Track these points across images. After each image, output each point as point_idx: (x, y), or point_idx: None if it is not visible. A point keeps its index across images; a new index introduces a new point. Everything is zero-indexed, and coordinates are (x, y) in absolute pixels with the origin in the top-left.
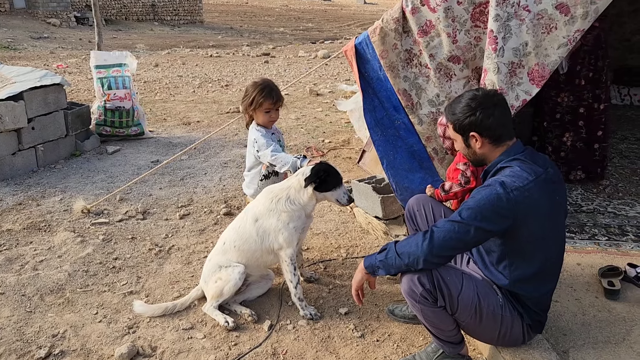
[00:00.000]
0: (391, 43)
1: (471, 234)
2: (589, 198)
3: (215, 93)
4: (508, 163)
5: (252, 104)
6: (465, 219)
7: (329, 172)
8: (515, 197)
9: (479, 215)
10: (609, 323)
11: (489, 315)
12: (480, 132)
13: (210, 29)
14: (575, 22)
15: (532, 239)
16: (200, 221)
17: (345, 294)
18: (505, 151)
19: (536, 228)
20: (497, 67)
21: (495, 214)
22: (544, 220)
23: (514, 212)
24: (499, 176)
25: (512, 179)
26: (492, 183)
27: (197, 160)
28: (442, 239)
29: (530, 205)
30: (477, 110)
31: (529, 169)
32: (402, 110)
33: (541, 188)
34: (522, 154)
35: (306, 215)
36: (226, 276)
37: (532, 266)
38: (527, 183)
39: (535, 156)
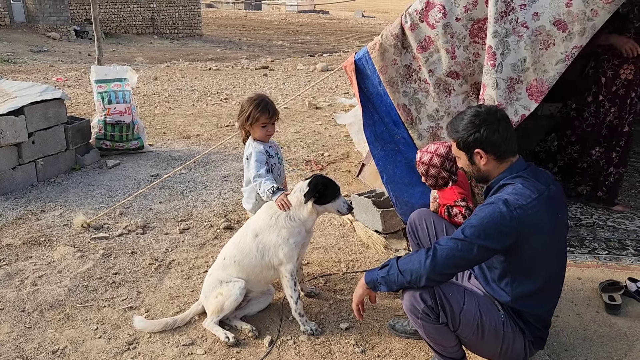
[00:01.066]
0: (390, 59)
1: (474, 252)
2: (588, 212)
3: (215, 106)
4: (511, 180)
5: (248, 119)
6: (469, 237)
7: (326, 185)
8: (519, 215)
9: (482, 233)
10: (610, 339)
11: (490, 331)
12: (485, 148)
13: (209, 42)
14: (573, 38)
15: (535, 256)
16: (200, 235)
17: (345, 308)
18: (509, 168)
19: (539, 245)
20: (496, 83)
21: (499, 232)
22: (546, 238)
23: (517, 230)
24: (502, 194)
25: (515, 196)
26: (495, 201)
27: (197, 174)
28: (445, 257)
29: (533, 224)
30: (481, 127)
31: (532, 186)
32: (402, 125)
33: (544, 206)
34: (524, 171)
35: (306, 230)
36: (227, 291)
37: (534, 283)
38: (531, 201)
39: (538, 173)
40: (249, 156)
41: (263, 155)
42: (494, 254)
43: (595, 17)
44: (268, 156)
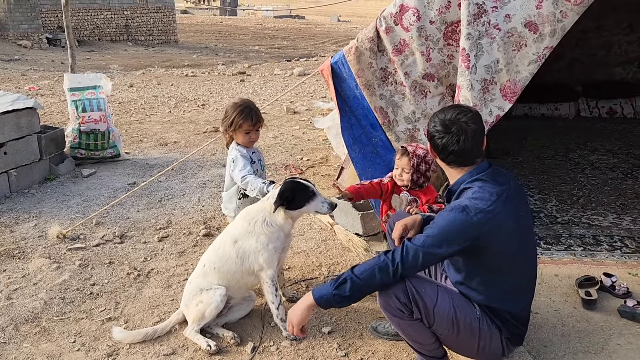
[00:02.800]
0: (366, 62)
1: (437, 258)
2: (563, 209)
3: (192, 113)
4: (470, 184)
5: (231, 125)
6: (430, 247)
7: (295, 190)
8: (479, 219)
9: (443, 242)
10: (587, 333)
11: (466, 328)
12: (442, 157)
13: (185, 49)
14: (544, 39)
15: (502, 257)
16: (179, 243)
17: (328, 312)
18: (470, 171)
19: (505, 247)
20: (471, 84)
21: (459, 238)
22: (511, 238)
23: (479, 234)
24: (462, 199)
25: (475, 201)
26: (454, 207)
27: (175, 181)
28: (410, 267)
29: (494, 226)
30: (446, 135)
31: (491, 188)
32: (379, 128)
33: (504, 207)
34: (484, 173)
35: (285, 235)
36: (207, 299)
37: (506, 283)
38: (490, 204)
39: (498, 174)
40: (235, 158)
41: (247, 159)
42: (457, 255)
43: (565, 18)
44: (251, 162)
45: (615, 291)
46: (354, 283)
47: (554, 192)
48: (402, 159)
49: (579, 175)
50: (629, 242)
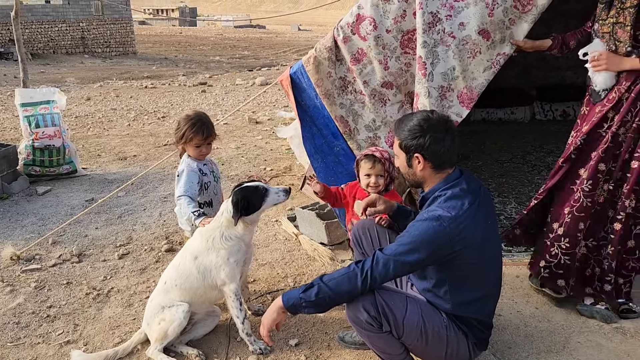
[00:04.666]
0: (325, 71)
1: (408, 268)
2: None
3: (152, 125)
4: (444, 191)
5: (182, 137)
6: (402, 256)
7: (247, 196)
8: (452, 229)
9: (415, 251)
10: (549, 333)
11: (434, 337)
12: (425, 155)
13: (144, 60)
14: (496, 46)
15: (471, 266)
16: (140, 260)
17: (294, 324)
18: (445, 179)
19: (473, 255)
20: (428, 92)
21: (432, 248)
22: (480, 247)
23: (451, 243)
24: (435, 208)
25: (448, 210)
26: (428, 217)
27: (135, 196)
28: (379, 278)
29: (466, 236)
30: (427, 133)
31: (464, 197)
32: (341, 137)
33: (475, 216)
34: (457, 181)
35: (246, 245)
36: (170, 316)
37: (472, 291)
38: (462, 213)
39: (470, 181)
40: (180, 174)
41: (195, 174)
42: (429, 265)
43: (513, 25)
44: (201, 174)
45: None
46: (320, 289)
47: (512, 194)
48: (376, 166)
49: (536, 177)
50: None
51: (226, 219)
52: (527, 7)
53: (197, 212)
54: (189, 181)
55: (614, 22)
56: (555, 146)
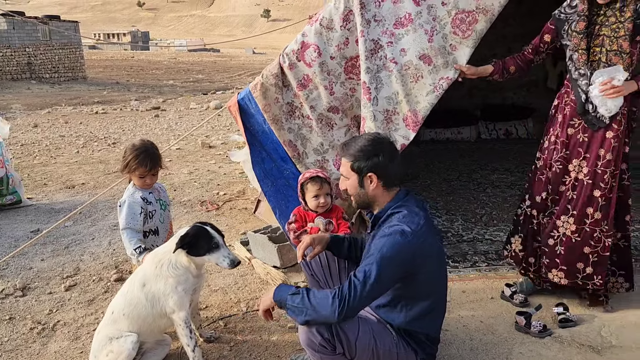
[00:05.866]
0: (273, 97)
1: (382, 289)
2: (468, 228)
3: (102, 152)
4: (397, 209)
5: (126, 167)
6: (373, 277)
7: (197, 236)
8: (415, 242)
9: (387, 267)
10: (493, 345)
11: (385, 355)
12: (378, 174)
13: (94, 85)
14: (438, 70)
15: (426, 280)
16: (88, 291)
17: (247, 349)
18: (394, 198)
19: (431, 269)
20: (374, 115)
21: (399, 263)
22: (435, 261)
23: (414, 256)
24: (396, 223)
25: (409, 225)
26: (391, 232)
27: (84, 225)
28: (355, 306)
29: (425, 249)
30: (380, 153)
31: (417, 214)
32: (290, 161)
33: (429, 230)
34: (406, 199)
35: (193, 276)
36: (118, 348)
37: (427, 305)
38: (420, 227)
39: (416, 200)
40: (122, 204)
41: (137, 205)
42: (398, 282)
43: (455, 51)
44: (145, 203)
45: (514, 300)
46: (303, 299)
47: (459, 211)
48: (323, 186)
49: (482, 195)
50: None
51: (175, 244)
52: (467, 32)
53: (139, 249)
54: (130, 213)
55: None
56: (499, 164)
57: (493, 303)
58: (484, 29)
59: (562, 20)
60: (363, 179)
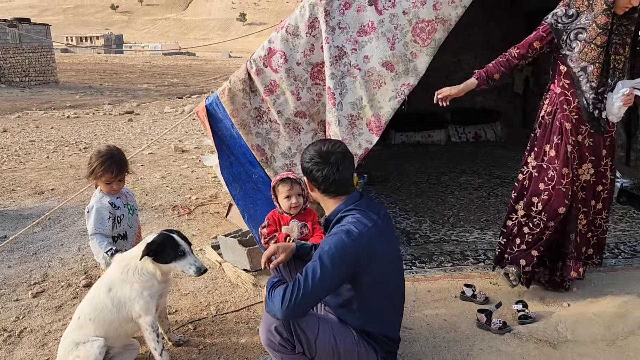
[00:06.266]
0: (240, 102)
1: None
2: (436, 229)
3: (73, 157)
4: (347, 212)
5: (92, 173)
6: (318, 274)
7: (163, 244)
8: (361, 242)
9: (329, 268)
10: (455, 342)
11: (346, 354)
12: (319, 187)
13: (66, 89)
14: (400, 77)
15: (377, 281)
16: (56, 297)
17: (216, 352)
18: (345, 201)
19: (379, 270)
20: (338, 120)
21: (344, 262)
22: (386, 262)
23: (359, 257)
24: (343, 224)
25: (354, 225)
26: (337, 232)
27: (53, 231)
28: (299, 300)
29: (372, 250)
30: (322, 168)
31: (367, 216)
32: (258, 165)
33: (379, 232)
34: (358, 202)
35: (159, 282)
36: (85, 353)
37: (380, 305)
38: (367, 229)
39: (370, 203)
40: (90, 210)
41: (105, 210)
42: (345, 282)
43: (415, 58)
44: (114, 208)
45: (476, 299)
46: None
47: (427, 213)
48: (294, 186)
49: (449, 197)
50: (491, 255)
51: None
52: (427, 40)
53: (110, 250)
54: (99, 218)
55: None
56: (467, 166)
57: (456, 302)
58: (442, 38)
59: (559, 30)
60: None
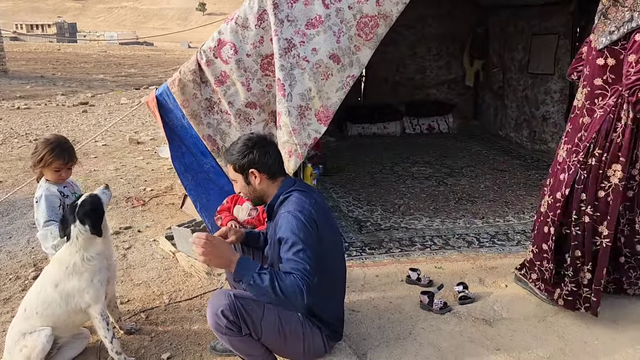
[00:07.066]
0: (191, 93)
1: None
2: (387, 217)
3: (22, 149)
4: (288, 194)
5: (41, 161)
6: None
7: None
8: (310, 217)
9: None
10: (399, 322)
11: (292, 334)
12: (258, 168)
13: (16, 79)
14: (345, 69)
15: (319, 258)
16: (4, 290)
17: (168, 339)
18: (282, 185)
19: (322, 248)
20: (288, 111)
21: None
22: (327, 240)
23: (314, 229)
24: (289, 206)
25: (300, 205)
26: (291, 214)
27: (0, 224)
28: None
29: (318, 224)
30: (254, 149)
31: (306, 195)
32: (210, 155)
33: (318, 211)
34: (295, 185)
35: (107, 260)
36: (32, 342)
37: (322, 284)
38: (309, 207)
39: (304, 186)
40: (39, 199)
41: (55, 198)
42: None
43: (358, 51)
44: (63, 196)
45: (421, 282)
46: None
47: (379, 202)
48: None
49: (402, 186)
50: (437, 240)
51: (83, 240)
52: (370, 35)
53: None
54: (50, 206)
55: None
56: (420, 157)
57: (402, 285)
58: (383, 33)
59: None
60: (248, 177)
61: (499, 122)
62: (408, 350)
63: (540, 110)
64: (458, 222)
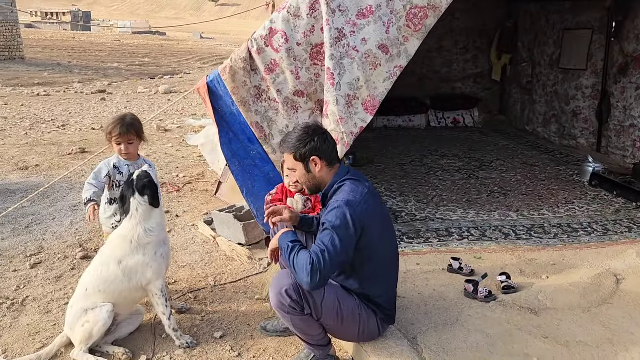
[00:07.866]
0: (241, 80)
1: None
2: (421, 208)
3: (52, 134)
4: (342, 182)
5: (108, 133)
6: (334, 245)
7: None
8: (362, 209)
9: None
10: (445, 309)
11: (349, 316)
12: (319, 155)
13: (33, 66)
14: (393, 59)
15: (373, 243)
16: (54, 268)
17: (218, 319)
18: (336, 173)
19: (375, 233)
20: (336, 99)
21: (353, 228)
22: (380, 225)
23: (362, 223)
24: (341, 195)
25: (352, 194)
26: (338, 205)
27: (42, 206)
28: (325, 272)
29: (370, 215)
30: (314, 137)
31: (359, 184)
32: (256, 141)
33: (373, 198)
34: (349, 174)
35: (164, 232)
36: (94, 317)
37: (376, 269)
38: (363, 196)
39: (358, 174)
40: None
41: (105, 167)
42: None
43: (406, 42)
44: (115, 170)
45: (463, 271)
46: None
47: (412, 193)
48: None
49: (432, 178)
50: (473, 231)
51: (143, 212)
52: (418, 26)
53: (86, 199)
54: (96, 172)
55: None
56: (448, 150)
57: (444, 273)
58: (432, 24)
59: None
60: (308, 164)
61: (526, 117)
62: (457, 335)
63: (571, 105)
64: (493, 214)
